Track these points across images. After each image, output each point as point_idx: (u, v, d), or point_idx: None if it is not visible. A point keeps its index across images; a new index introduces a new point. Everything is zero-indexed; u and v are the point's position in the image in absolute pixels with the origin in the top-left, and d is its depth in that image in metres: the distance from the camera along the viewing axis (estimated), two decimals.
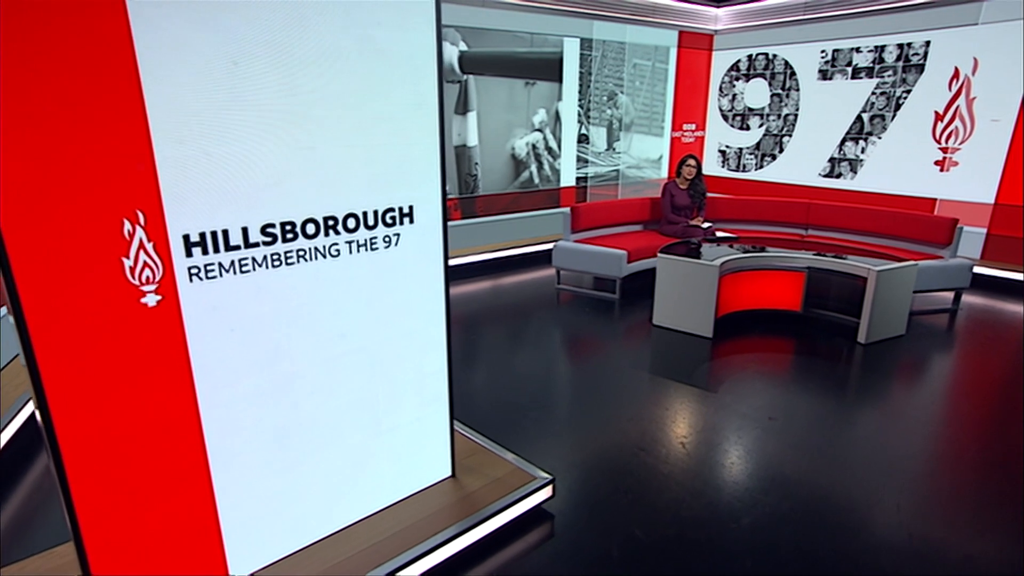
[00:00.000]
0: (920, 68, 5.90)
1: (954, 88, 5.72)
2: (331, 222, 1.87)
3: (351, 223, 1.91)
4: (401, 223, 2.04)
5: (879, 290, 4.10)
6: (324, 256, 1.88)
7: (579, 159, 6.82)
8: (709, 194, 6.15)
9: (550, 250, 5.58)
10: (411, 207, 2.05)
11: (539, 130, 6.38)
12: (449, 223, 5.89)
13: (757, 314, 4.65)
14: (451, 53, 5.57)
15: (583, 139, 6.78)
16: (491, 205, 6.25)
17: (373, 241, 1.99)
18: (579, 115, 6.66)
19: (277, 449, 1.93)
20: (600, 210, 5.62)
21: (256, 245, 1.73)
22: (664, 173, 7.63)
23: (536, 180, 6.53)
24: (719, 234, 5.40)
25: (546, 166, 6.56)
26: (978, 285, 5.38)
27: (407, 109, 1.96)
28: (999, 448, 2.98)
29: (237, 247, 1.69)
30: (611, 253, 5.06)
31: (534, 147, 6.39)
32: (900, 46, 6.01)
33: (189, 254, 1.61)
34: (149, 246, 1.54)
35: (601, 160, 7.03)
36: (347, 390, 2.07)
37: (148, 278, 1.55)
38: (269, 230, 1.74)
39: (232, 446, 1.81)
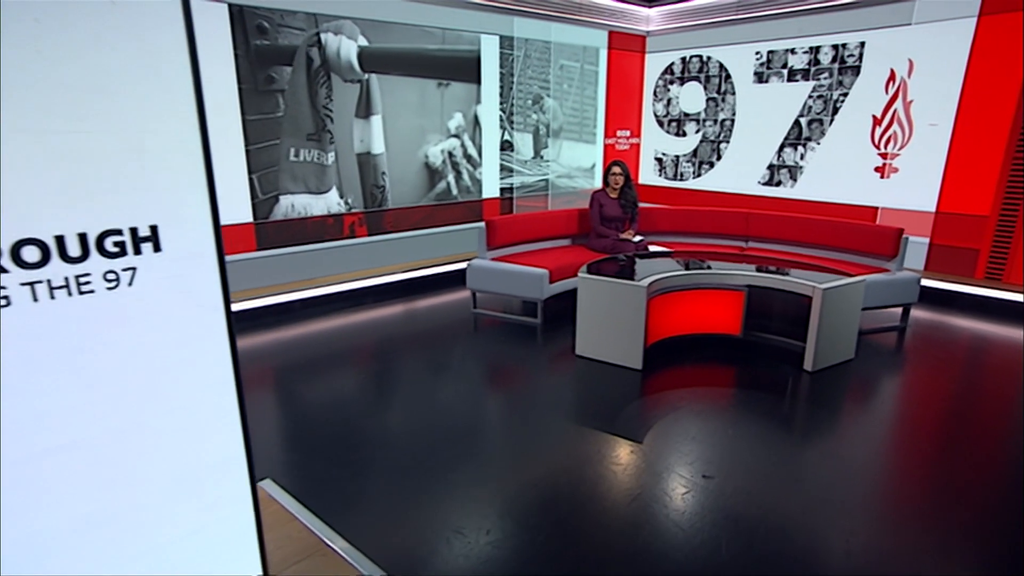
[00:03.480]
0: (856, 70, 5.58)
1: (891, 91, 5.41)
2: None
3: (31, 254, 1.21)
4: (136, 251, 1.35)
5: (825, 310, 3.62)
6: None
7: (503, 168, 6.23)
8: (644, 204, 5.66)
9: None
10: (154, 227, 1.36)
11: (456, 136, 5.75)
12: (355, 240, 5.18)
13: (693, 340, 4.12)
14: (349, 49, 4.89)
15: (507, 146, 6.20)
16: (402, 220, 5.56)
17: (84, 280, 1.28)
18: (501, 120, 6.07)
19: None
20: (521, 223, 5.02)
21: None
22: (598, 182, 7.13)
23: (454, 191, 5.89)
24: (652, 248, 4.89)
25: (465, 176, 5.94)
26: (923, 299, 5.03)
27: (135, 75, 1.27)
28: (974, 492, 2.49)
29: None
30: (530, 272, 4.46)
31: (451, 155, 5.76)
32: (835, 47, 5.69)
33: None
34: None
35: (528, 169, 6.46)
36: (59, 506, 1.35)
37: None
38: None
39: None
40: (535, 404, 3.39)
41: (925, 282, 5.11)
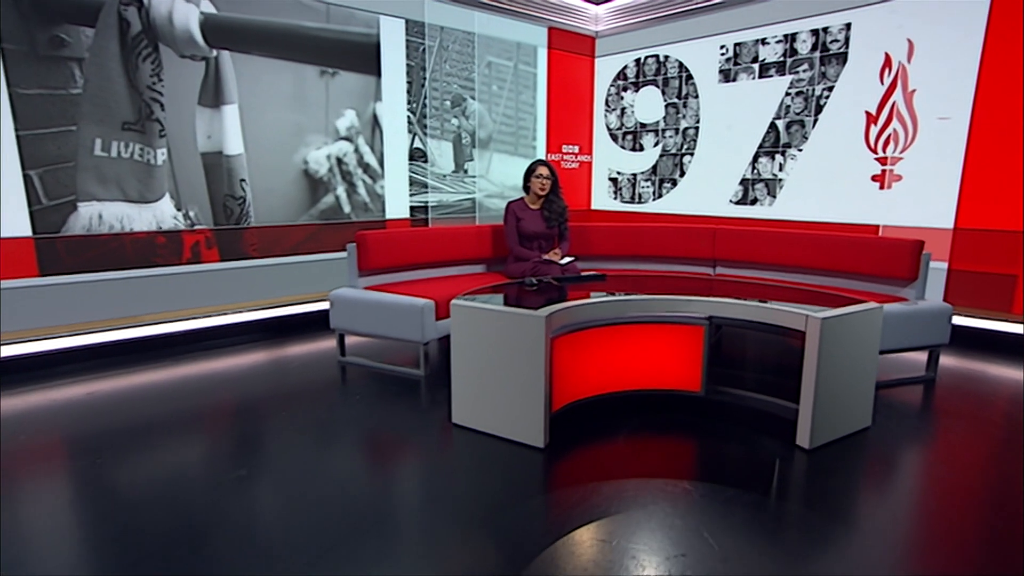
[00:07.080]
0: (842, 58, 4.53)
1: (887, 80, 4.34)
2: None
3: None
4: None
5: (826, 352, 2.35)
6: None
7: (415, 183, 5.03)
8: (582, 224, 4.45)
9: None
10: None
11: (347, 139, 4.57)
12: (199, 267, 3.85)
13: (627, 401, 2.82)
14: (187, 14, 3.75)
15: (419, 155, 5.02)
16: (273, 242, 4.29)
17: None
18: (410, 122, 4.92)
19: None
20: (409, 241, 3.76)
21: None
22: None
23: (346, 208, 4.65)
24: (585, 275, 3.64)
25: (362, 189, 4.72)
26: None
27: None
28: None
29: None
30: (407, 304, 3.17)
31: (340, 162, 4.56)
32: (815, 32, 4.65)
33: None
34: None
35: (449, 185, 5.26)
36: None
37: None
38: None
39: None
40: (369, 513, 2.04)
41: None
